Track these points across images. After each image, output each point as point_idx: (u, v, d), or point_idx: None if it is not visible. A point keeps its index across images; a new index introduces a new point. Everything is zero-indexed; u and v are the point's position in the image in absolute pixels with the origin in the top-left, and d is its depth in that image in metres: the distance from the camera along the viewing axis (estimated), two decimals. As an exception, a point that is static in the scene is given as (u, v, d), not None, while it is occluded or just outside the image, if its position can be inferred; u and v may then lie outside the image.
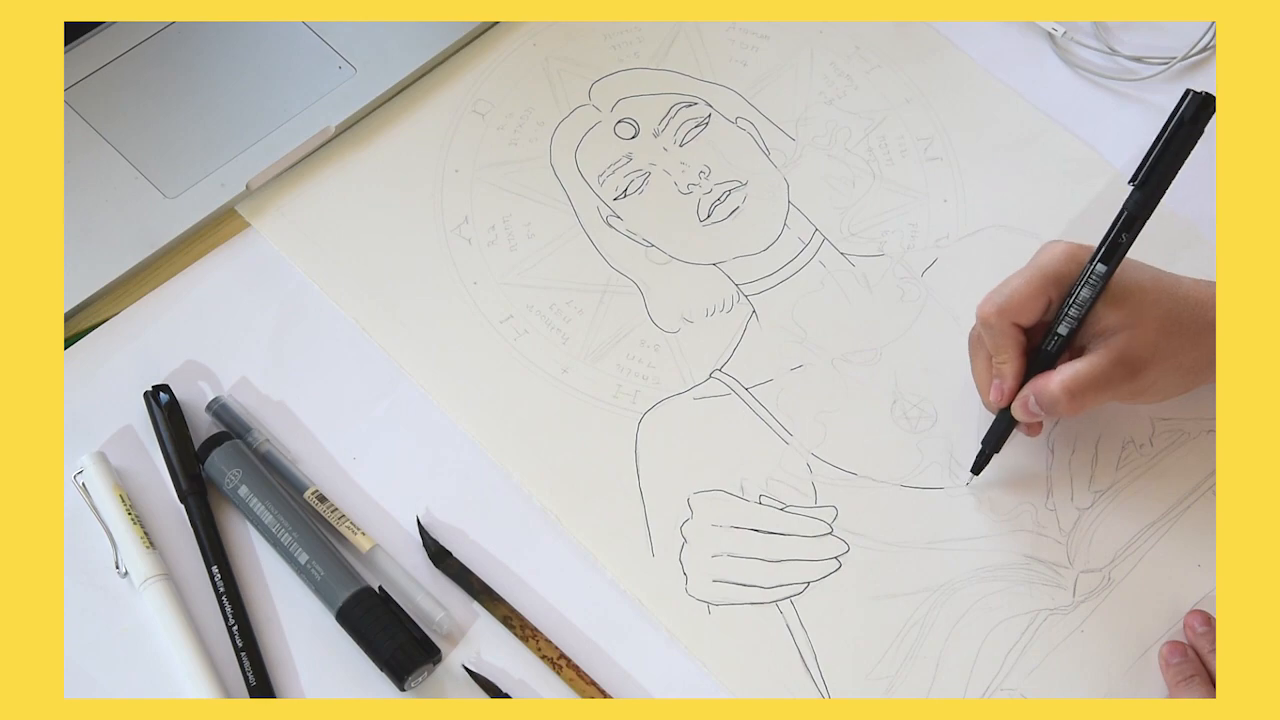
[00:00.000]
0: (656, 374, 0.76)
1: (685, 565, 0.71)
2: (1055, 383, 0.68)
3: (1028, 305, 0.69)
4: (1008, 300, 0.69)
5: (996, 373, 0.70)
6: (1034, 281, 0.69)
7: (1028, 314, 0.69)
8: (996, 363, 0.70)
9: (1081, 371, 0.68)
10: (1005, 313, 0.69)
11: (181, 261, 0.77)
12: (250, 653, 0.66)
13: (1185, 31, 0.88)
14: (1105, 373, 0.67)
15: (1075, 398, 0.67)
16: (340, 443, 0.73)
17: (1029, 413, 0.69)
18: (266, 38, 0.83)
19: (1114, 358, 0.67)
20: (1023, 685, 0.68)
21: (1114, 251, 0.68)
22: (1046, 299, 0.69)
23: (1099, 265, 0.68)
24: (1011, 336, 0.70)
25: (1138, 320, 0.68)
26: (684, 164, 0.83)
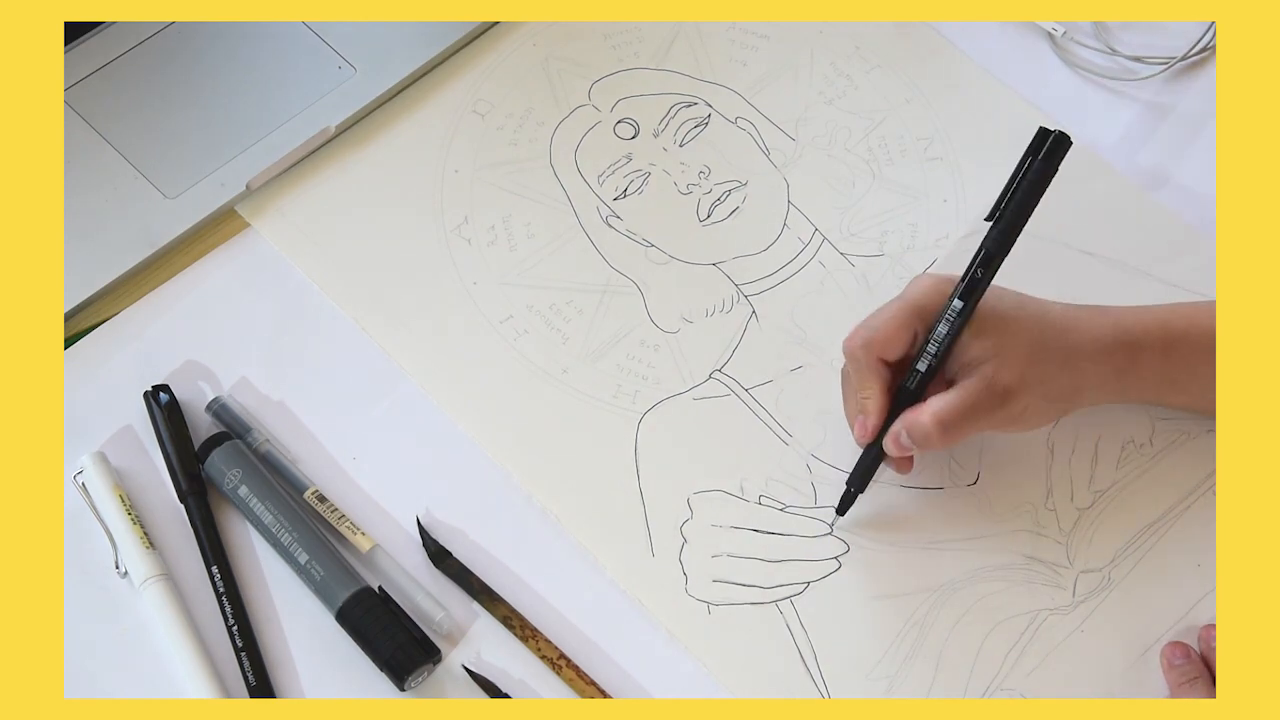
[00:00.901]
0: (656, 374, 0.76)
1: (685, 565, 0.71)
2: (926, 414, 0.67)
3: (892, 340, 0.68)
4: (872, 335, 0.68)
5: (860, 408, 0.69)
6: (899, 315, 0.68)
7: (893, 349, 0.68)
8: (860, 398, 0.69)
9: (951, 402, 0.67)
10: (870, 347, 0.68)
11: (181, 261, 0.77)
12: (250, 653, 0.66)
13: (1185, 31, 0.88)
14: (975, 402, 0.66)
15: (947, 429, 0.66)
16: (340, 443, 0.73)
17: (900, 447, 0.68)
18: (266, 38, 0.83)
19: (982, 387, 0.66)
20: (1023, 685, 0.68)
21: (972, 288, 0.67)
22: (912, 332, 0.68)
23: (956, 301, 0.67)
24: (876, 371, 0.69)
25: (1004, 349, 0.67)
26: (684, 164, 0.83)
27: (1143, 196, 0.83)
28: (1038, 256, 0.80)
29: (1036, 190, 0.67)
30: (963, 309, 0.67)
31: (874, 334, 0.68)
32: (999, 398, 0.67)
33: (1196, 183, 0.84)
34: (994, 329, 0.67)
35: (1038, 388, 0.67)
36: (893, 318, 0.68)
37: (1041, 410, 0.69)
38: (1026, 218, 0.67)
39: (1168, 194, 0.83)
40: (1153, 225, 0.82)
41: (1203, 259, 0.81)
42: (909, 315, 0.68)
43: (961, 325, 0.67)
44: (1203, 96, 0.87)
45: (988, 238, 0.67)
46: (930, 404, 0.67)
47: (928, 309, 0.68)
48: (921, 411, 0.67)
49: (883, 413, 0.69)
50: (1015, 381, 0.67)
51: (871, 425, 0.69)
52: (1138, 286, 0.80)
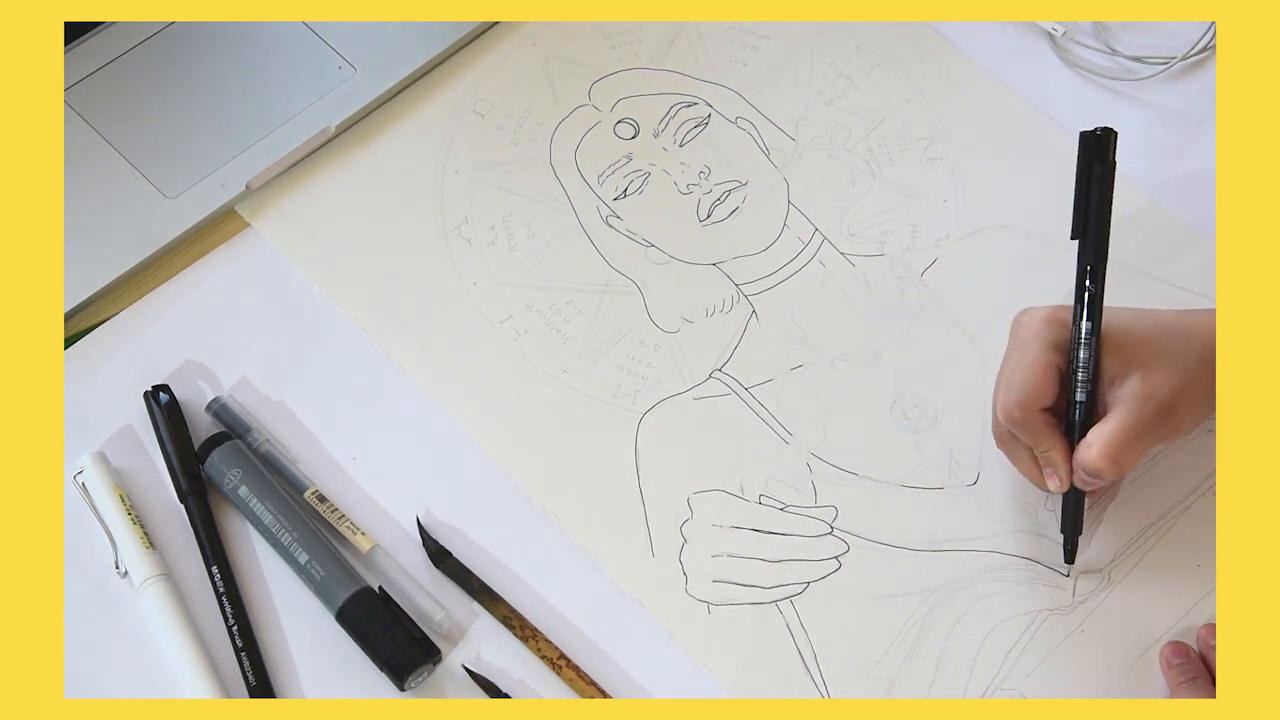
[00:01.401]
0: (656, 374, 0.76)
1: (685, 565, 0.71)
2: (1091, 452, 0.66)
3: (1043, 387, 0.67)
4: (1025, 392, 0.67)
5: (1044, 461, 0.68)
6: (1038, 361, 0.68)
7: (1048, 395, 0.67)
8: (1040, 453, 0.68)
9: (1111, 431, 0.66)
10: (1028, 405, 0.67)
11: (181, 261, 0.77)
12: (250, 653, 0.66)
13: (1185, 31, 0.88)
14: (1136, 423, 0.66)
15: (1115, 460, 0.65)
16: (340, 443, 0.73)
17: (1087, 483, 0.68)
18: (266, 38, 0.83)
19: (1139, 404, 0.66)
20: (1023, 685, 0.68)
21: (1092, 305, 0.67)
22: (1056, 371, 0.68)
23: (1085, 323, 0.67)
24: (1044, 423, 0.68)
25: (1143, 361, 0.67)
26: (684, 164, 0.83)
27: (1143, 196, 0.83)
28: (1038, 256, 0.81)
29: (1107, 189, 0.67)
30: (1093, 328, 0.67)
31: (1025, 391, 0.67)
32: (1160, 411, 0.66)
33: (1196, 183, 0.83)
34: (1125, 344, 0.67)
35: (1189, 391, 0.66)
36: (1033, 366, 0.67)
37: (1198, 413, 0.67)
38: (1109, 219, 0.68)
39: (1168, 194, 0.83)
40: (1153, 225, 0.82)
41: (1203, 259, 0.81)
42: (1046, 356, 0.67)
43: (1097, 345, 0.67)
44: (1203, 96, 0.87)
45: (1082, 252, 0.68)
46: (1091, 438, 0.66)
47: (1057, 344, 0.68)
48: (1085, 448, 0.66)
49: (1067, 458, 0.68)
50: (1168, 390, 0.66)
51: (1065, 474, 0.68)
52: (1138, 286, 0.80)
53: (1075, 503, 0.69)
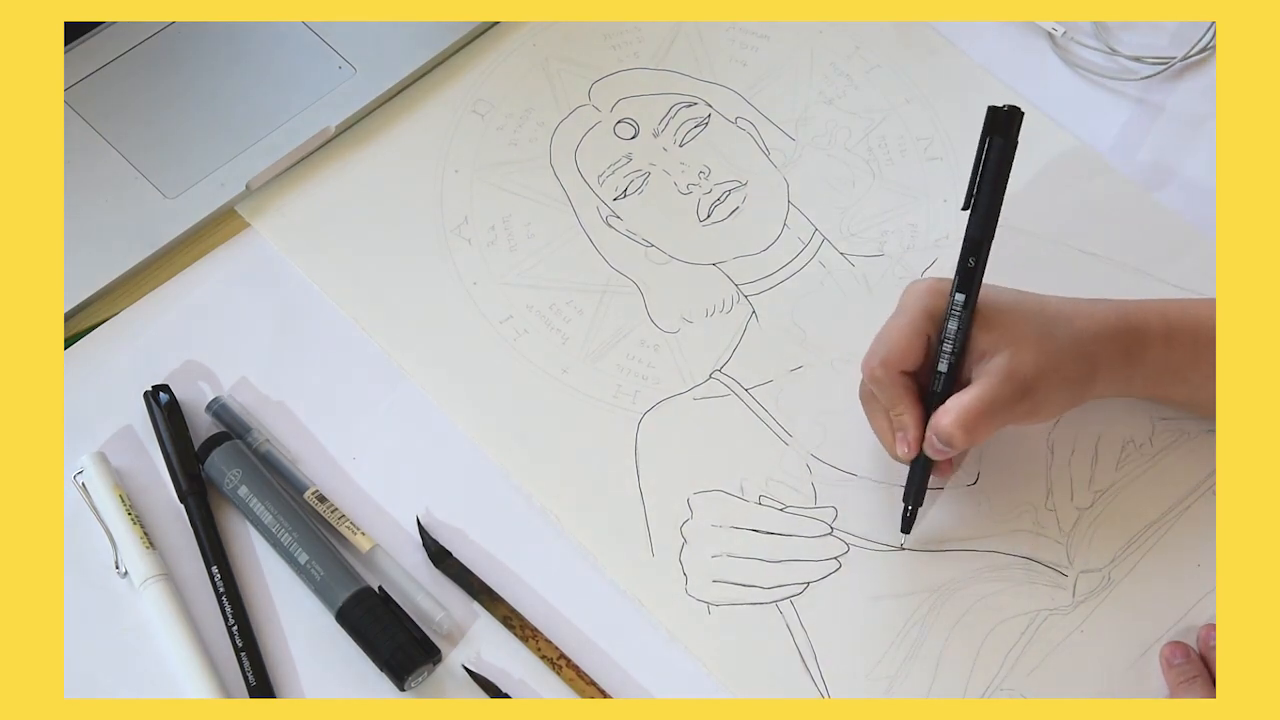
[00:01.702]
0: (656, 374, 0.76)
1: (685, 565, 0.71)
2: (947, 417, 0.66)
3: (909, 350, 0.68)
4: (889, 351, 0.68)
5: (897, 425, 0.68)
6: (909, 325, 0.68)
7: (911, 359, 0.68)
8: (894, 415, 0.69)
9: (969, 401, 0.66)
10: (889, 364, 0.68)
11: (181, 261, 0.77)
12: (250, 653, 0.66)
13: (1185, 31, 0.88)
14: (994, 397, 0.66)
15: (969, 429, 0.66)
16: (340, 443, 0.73)
17: (938, 451, 0.68)
18: (266, 38, 0.83)
19: (999, 380, 0.66)
20: (1023, 685, 0.68)
21: (968, 279, 0.67)
22: (925, 339, 0.68)
23: (957, 295, 0.67)
24: (902, 385, 0.68)
25: (1014, 339, 0.67)
26: (684, 164, 0.83)
27: (1143, 196, 0.83)
28: (1038, 256, 0.81)
29: (1003, 168, 0.67)
30: (965, 300, 0.67)
31: (890, 350, 0.68)
32: (1018, 388, 0.66)
33: (1196, 183, 0.84)
34: (999, 321, 0.67)
35: (1053, 375, 0.67)
36: (903, 329, 0.68)
37: (1059, 398, 0.68)
38: (1001, 197, 0.67)
39: (1168, 194, 0.83)
40: (1153, 225, 0.82)
41: (1203, 259, 0.81)
42: (918, 323, 0.68)
43: (968, 318, 0.67)
44: (1203, 96, 0.87)
45: (970, 225, 0.68)
46: (949, 405, 0.67)
47: (933, 312, 0.68)
48: (942, 414, 0.66)
49: (920, 424, 0.68)
50: (1031, 370, 0.66)
51: (913, 438, 0.68)
52: (1138, 286, 0.80)
53: (921, 472, 0.69)
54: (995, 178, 0.67)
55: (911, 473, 0.70)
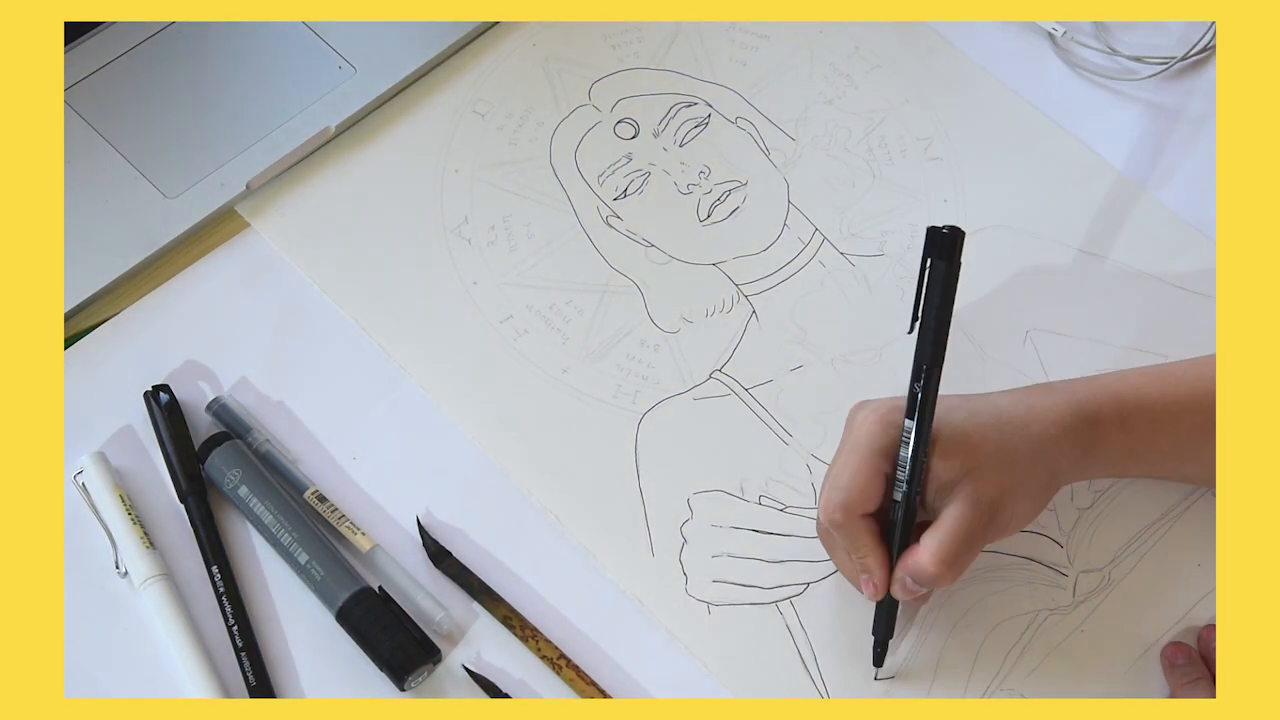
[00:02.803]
0: (656, 374, 0.76)
1: (685, 565, 0.71)
2: (925, 557, 0.64)
3: (868, 493, 0.65)
4: (848, 495, 0.65)
5: (862, 567, 0.66)
6: (865, 465, 0.65)
7: (871, 500, 0.65)
8: (857, 558, 0.66)
9: (944, 537, 0.63)
10: (849, 508, 0.65)
11: (181, 261, 0.77)
12: (250, 653, 0.66)
13: (1185, 31, 0.88)
14: (967, 527, 0.64)
15: (951, 565, 0.64)
16: (340, 443, 0.73)
17: (910, 592, 0.65)
18: (266, 38, 0.83)
19: (967, 509, 0.64)
20: (1023, 685, 0.68)
21: (916, 404, 0.64)
22: (882, 477, 0.65)
23: (908, 421, 0.64)
24: (864, 529, 0.65)
25: (975, 464, 0.64)
26: (684, 164, 0.83)
27: (1143, 196, 0.83)
28: (1038, 256, 0.81)
29: (949, 290, 0.64)
30: (916, 427, 0.64)
31: (848, 494, 0.65)
32: (987, 513, 0.64)
33: (1196, 183, 0.83)
34: (957, 447, 0.65)
35: (1018, 490, 0.65)
36: (859, 470, 0.65)
37: (1026, 511, 0.66)
38: (948, 320, 0.65)
39: (1168, 194, 0.83)
40: (1153, 225, 0.82)
41: (1203, 259, 0.81)
42: (872, 459, 0.65)
43: (921, 444, 0.65)
44: (1203, 96, 0.87)
45: (918, 350, 0.65)
46: (924, 545, 0.64)
47: (886, 447, 0.65)
48: (919, 555, 0.64)
49: (885, 565, 0.66)
50: (996, 493, 0.64)
51: (879, 580, 0.66)
52: (1138, 286, 0.80)
53: (889, 610, 0.67)
54: (941, 301, 0.64)
55: (878, 610, 0.67)
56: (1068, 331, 0.78)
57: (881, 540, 0.66)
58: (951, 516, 0.64)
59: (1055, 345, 0.77)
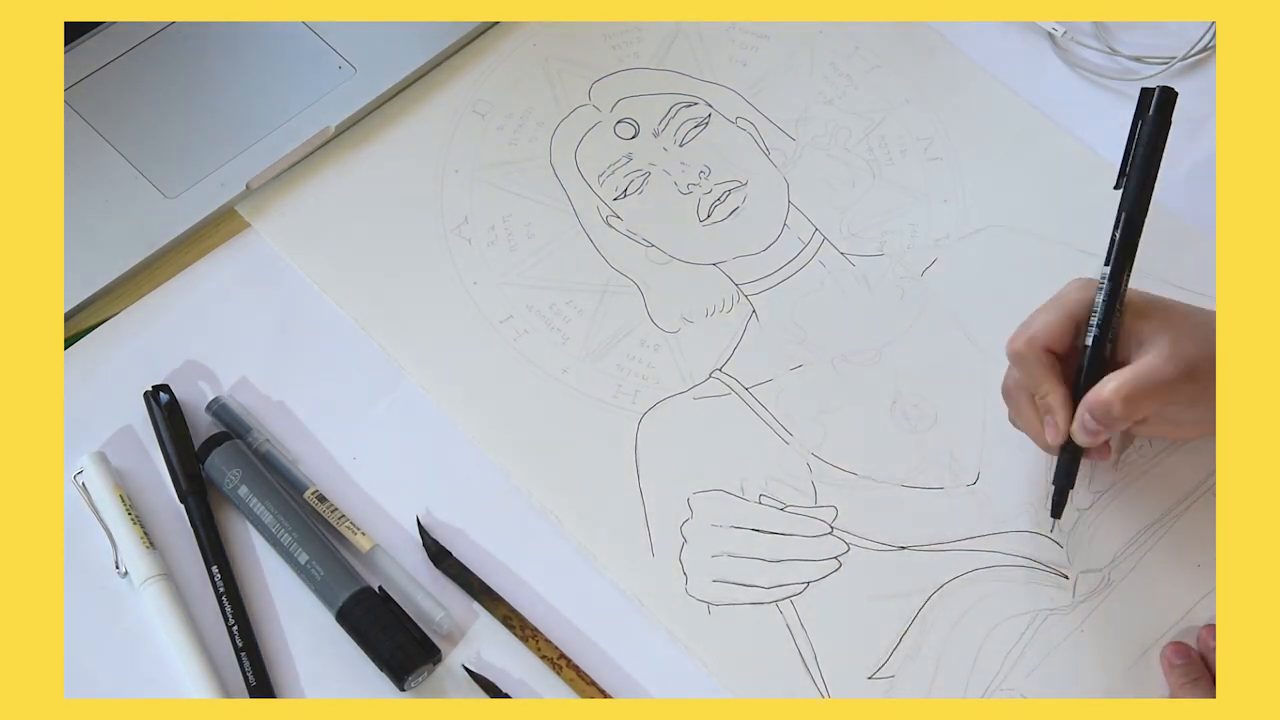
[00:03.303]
0: (656, 374, 0.76)
1: (685, 565, 0.71)
2: (1108, 388, 0.63)
3: (1055, 330, 0.66)
4: (1035, 328, 0.66)
5: (1044, 408, 0.66)
6: (1058, 308, 0.67)
7: (1058, 338, 0.66)
8: (1040, 397, 0.66)
9: (1135, 374, 0.63)
10: (1034, 341, 0.66)
11: (181, 261, 0.77)
12: (250, 653, 0.66)
13: (1185, 31, 0.88)
14: (1160, 372, 0.63)
15: (1131, 402, 0.63)
16: (340, 443, 0.73)
17: (1090, 433, 0.64)
18: (266, 38, 0.83)
19: (1163, 358, 0.63)
20: (1023, 685, 0.68)
21: (1115, 250, 0.67)
22: (1074, 323, 0.66)
23: (1104, 268, 0.67)
24: (1048, 365, 0.65)
25: (1174, 326, 0.65)
26: (684, 164, 0.83)
27: (1143, 196, 0.83)
28: (1038, 256, 0.81)
29: (1156, 146, 0.67)
30: (1111, 273, 0.66)
31: (1035, 327, 0.66)
32: (1184, 371, 0.63)
33: (1196, 183, 0.83)
34: (1156, 311, 0.66)
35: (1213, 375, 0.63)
36: (1051, 311, 0.67)
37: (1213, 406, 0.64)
38: (1154, 175, 0.67)
39: (1168, 194, 0.83)
40: (1153, 225, 0.82)
41: (1203, 259, 0.81)
42: (1068, 307, 0.66)
43: (1117, 293, 0.65)
44: (1203, 96, 0.87)
45: (1123, 202, 0.67)
46: (1111, 377, 0.64)
47: (1084, 300, 0.66)
48: (1103, 386, 0.63)
49: (1068, 406, 0.65)
50: (1196, 354, 0.64)
51: (1062, 421, 0.65)
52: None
53: (1071, 456, 0.67)
54: (1148, 154, 0.67)
55: (1060, 456, 0.67)
56: (1068, 331, 0.78)
57: (1065, 382, 0.66)
58: (1146, 360, 0.64)
59: (1055, 345, 0.77)
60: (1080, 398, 0.66)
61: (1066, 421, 0.66)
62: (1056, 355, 0.66)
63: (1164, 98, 0.67)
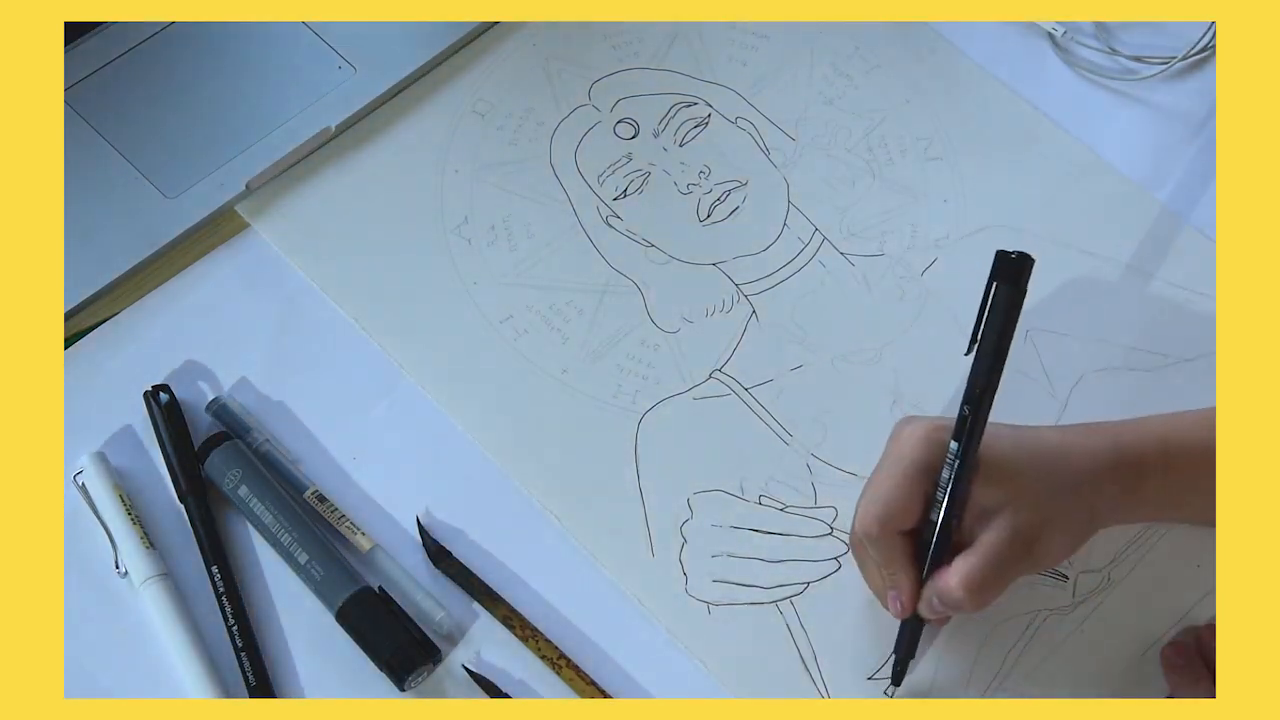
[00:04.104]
0: (656, 374, 0.76)
1: (685, 565, 0.71)
2: (954, 580, 0.63)
3: (907, 510, 0.64)
4: (886, 511, 0.64)
5: (891, 584, 0.65)
6: (906, 481, 0.64)
7: (909, 518, 0.65)
8: (888, 574, 0.65)
9: (976, 563, 0.63)
10: (887, 523, 0.64)
11: (181, 261, 0.77)
12: (250, 653, 0.66)
13: (1185, 31, 0.88)
14: (1000, 557, 0.63)
15: (978, 591, 0.62)
16: (340, 443, 0.73)
17: (935, 612, 0.65)
18: (266, 38, 0.83)
19: (1004, 539, 0.63)
20: (1023, 685, 0.68)
21: (965, 429, 0.63)
22: (923, 494, 0.64)
23: (953, 444, 0.63)
24: (899, 545, 0.65)
25: (1015, 494, 0.64)
26: (684, 164, 0.83)
27: (1143, 196, 0.83)
28: (1038, 256, 0.80)
29: (1011, 316, 0.63)
30: (962, 450, 0.64)
31: (887, 509, 0.64)
32: (1024, 545, 0.63)
33: (1196, 183, 0.83)
34: (999, 474, 0.64)
35: (1057, 524, 0.64)
36: (900, 485, 0.64)
37: (1062, 547, 0.65)
38: (1007, 347, 0.64)
39: (1168, 194, 0.83)
40: (1153, 225, 0.82)
41: (1203, 259, 0.81)
42: (914, 477, 0.64)
43: (965, 468, 0.64)
44: (1203, 96, 0.87)
45: (972, 374, 0.64)
46: (956, 568, 0.63)
47: (929, 465, 0.64)
48: (949, 577, 0.63)
49: (915, 584, 0.65)
50: (1036, 525, 0.64)
51: (907, 599, 0.65)
52: (1138, 286, 0.80)
53: (913, 630, 0.66)
54: (1002, 327, 0.63)
55: (903, 629, 0.67)
56: (1067, 331, 0.78)
57: (914, 559, 0.65)
58: (986, 543, 0.63)
59: (1055, 345, 0.77)
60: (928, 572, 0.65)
61: (912, 601, 0.65)
62: (906, 533, 0.65)
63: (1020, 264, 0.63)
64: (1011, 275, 0.63)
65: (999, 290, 0.63)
